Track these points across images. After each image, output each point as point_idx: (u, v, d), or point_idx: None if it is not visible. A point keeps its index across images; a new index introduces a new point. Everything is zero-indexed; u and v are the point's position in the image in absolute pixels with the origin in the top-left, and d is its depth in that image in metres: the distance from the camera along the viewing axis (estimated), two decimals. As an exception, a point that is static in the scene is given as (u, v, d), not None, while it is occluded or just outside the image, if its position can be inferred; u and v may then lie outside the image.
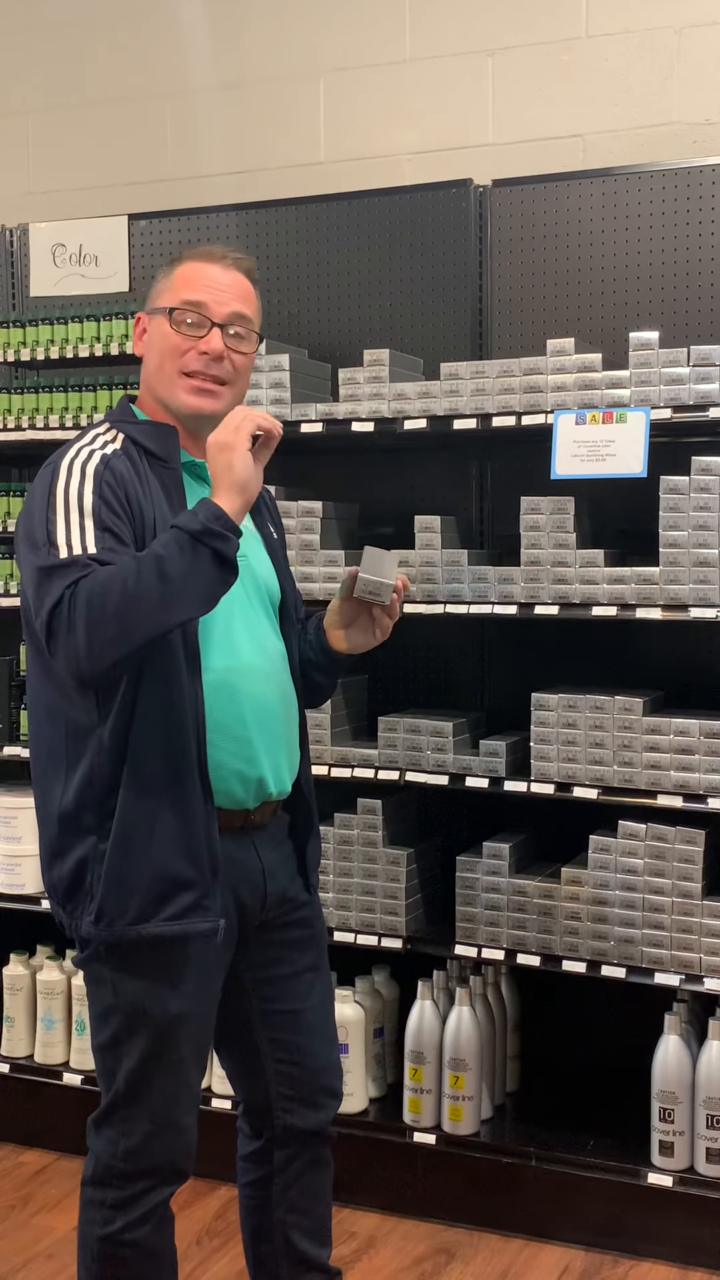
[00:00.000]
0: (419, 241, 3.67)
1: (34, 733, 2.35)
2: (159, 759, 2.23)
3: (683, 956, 3.16)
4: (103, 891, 2.23)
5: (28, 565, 2.19)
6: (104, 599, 2.07)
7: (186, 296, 2.34)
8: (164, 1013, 2.29)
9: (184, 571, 2.11)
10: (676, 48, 3.63)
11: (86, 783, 2.24)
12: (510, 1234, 3.30)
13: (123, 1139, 2.33)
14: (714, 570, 3.07)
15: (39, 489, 2.24)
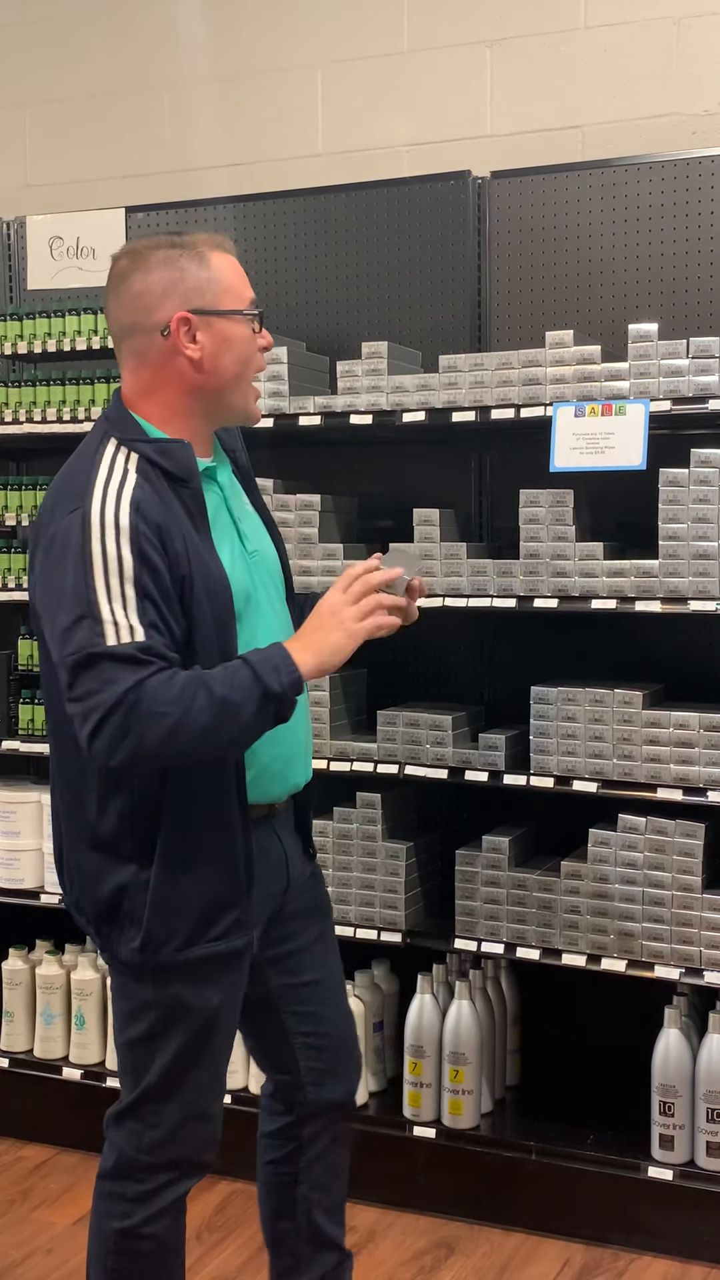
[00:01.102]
0: (417, 233, 3.66)
1: (62, 758, 2.28)
2: (202, 783, 2.21)
3: (683, 950, 3.15)
4: (149, 920, 2.21)
5: (61, 631, 2.09)
6: (162, 721, 2.03)
7: (248, 295, 2.28)
8: (204, 1007, 2.28)
9: (248, 723, 2.10)
10: (675, 38, 3.62)
11: (129, 812, 2.20)
12: (510, 1228, 3.30)
13: (148, 1131, 2.33)
14: (713, 563, 3.07)
15: (68, 538, 2.11)
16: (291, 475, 3.58)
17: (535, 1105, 3.50)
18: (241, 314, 2.26)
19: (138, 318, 2.25)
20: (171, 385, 2.25)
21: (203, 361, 2.23)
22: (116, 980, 2.33)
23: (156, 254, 2.24)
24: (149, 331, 2.24)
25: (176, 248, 2.24)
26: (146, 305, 2.23)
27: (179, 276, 2.22)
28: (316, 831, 3.48)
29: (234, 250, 2.31)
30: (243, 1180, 3.55)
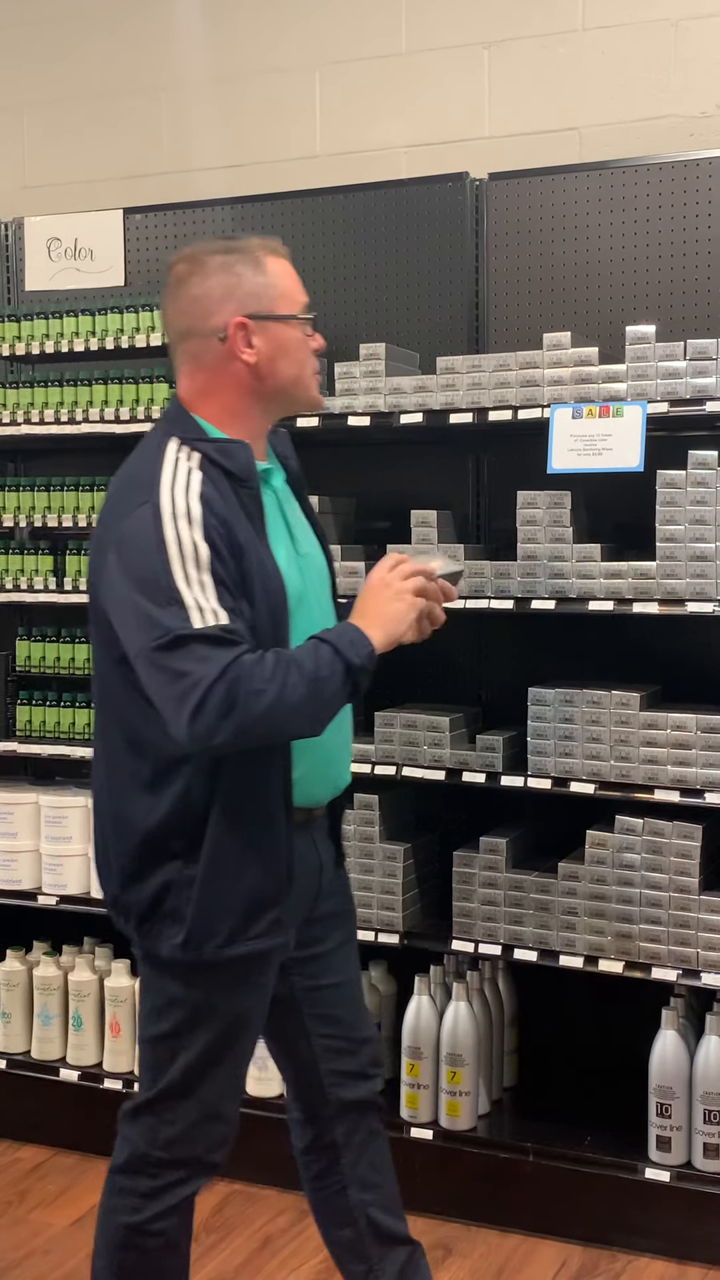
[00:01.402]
0: (415, 235, 3.66)
1: (108, 756, 2.31)
2: (250, 783, 2.24)
3: (680, 951, 3.15)
4: (193, 917, 2.23)
5: (143, 619, 2.12)
6: (261, 697, 2.09)
7: (302, 299, 2.34)
8: (232, 1010, 2.31)
9: (332, 697, 2.17)
10: (673, 40, 3.62)
11: (178, 810, 2.23)
12: (507, 1229, 3.30)
13: (164, 1128, 2.34)
14: (711, 564, 3.07)
15: (142, 530, 2.14)
16: (289, 476, 3.58)
17: (532, 1106, 3.50)
18: (296, 318, 2.31)
19: (194, 322, 2.29)
20: (228, 388, 2.30)
21: (259, 366, 2.28)
22: (147, 976, 2.34)
23: (214, 259, 2.28)
24: (206, 336, 2.28)
25: (233, 252, 2.28)
26: (204, 310, 2.27)
27: (236, 281, 2.27)
28: (314, 833, 3.49)
29: (288, 254, 2.35)
30: (241, 1181, 3.56)
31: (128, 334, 3.67)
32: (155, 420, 3.59)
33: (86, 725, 3.75)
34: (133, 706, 2.22)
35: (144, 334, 3.65)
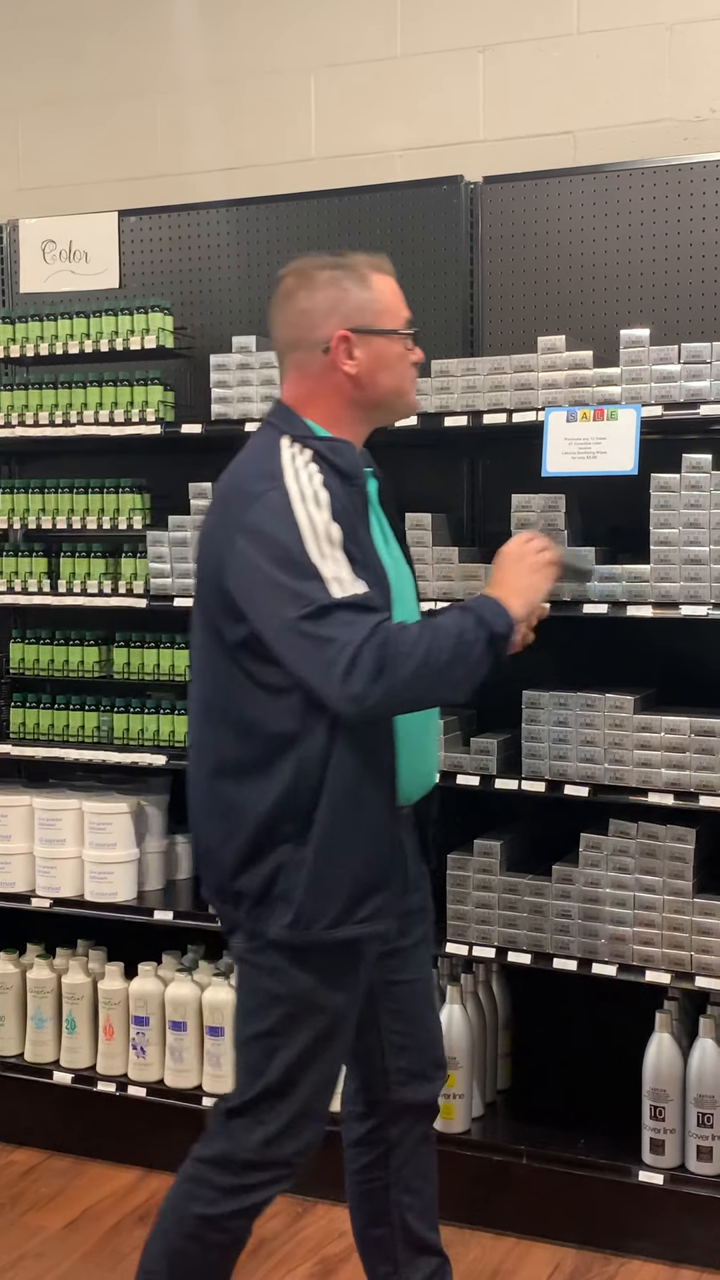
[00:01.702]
0: (410, 238, 3.66)
1: (217, 747, 2.35)
2: (360, 767, 2.29)
3: (674, 954, 3.16)
4: (303, 897, 2.28)
5: (283, 591, 2.19)
6: (410, 658, 2.18)
7: (404, 314, 2.43)
8: (332, 1005, 2.35)
9: (476, 663, 2.26)
10: (667, 44, 3.62)
11: (290, 793, 2.28)
12: (501, 1232, 3.30)
13: (259, 1128, 2.36)
14: (705, 568, 3.07)
15: (273, 513, 2.22)
16: (284, 479, 3.58)
17: (526, 1109, 3.50)
18: (397, 333, 2.40)
19: (301, 334, 2.39)
20: (331, 395, 2.39)
21: (359, 377, 2.38)
22: (248, 975, 2.37)
23: (322, 274, 2.39)
24: (311, 348, 2.38)
25: (340, 268, 2.39)
26: (310, 323, 2.38)
27: (342, 296, 2.37)
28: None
29: (393, 271, 2.45)
30: (234, 1184, 3.55)
31: (122, 336, 3.67)
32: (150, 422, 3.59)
33: (80, 728, 3.75)
34: (246, 693, 2.29)
35: (138, 336, 3.64)
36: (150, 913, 3.67)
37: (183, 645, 3.67)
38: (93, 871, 3.73)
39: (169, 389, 3.67)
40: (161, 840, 3.82)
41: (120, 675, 3.73)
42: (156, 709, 3.65)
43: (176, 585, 3.58)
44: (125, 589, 3.66)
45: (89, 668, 3.77)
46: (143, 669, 3.69)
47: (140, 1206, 3.48)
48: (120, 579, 3.69)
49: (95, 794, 3.79)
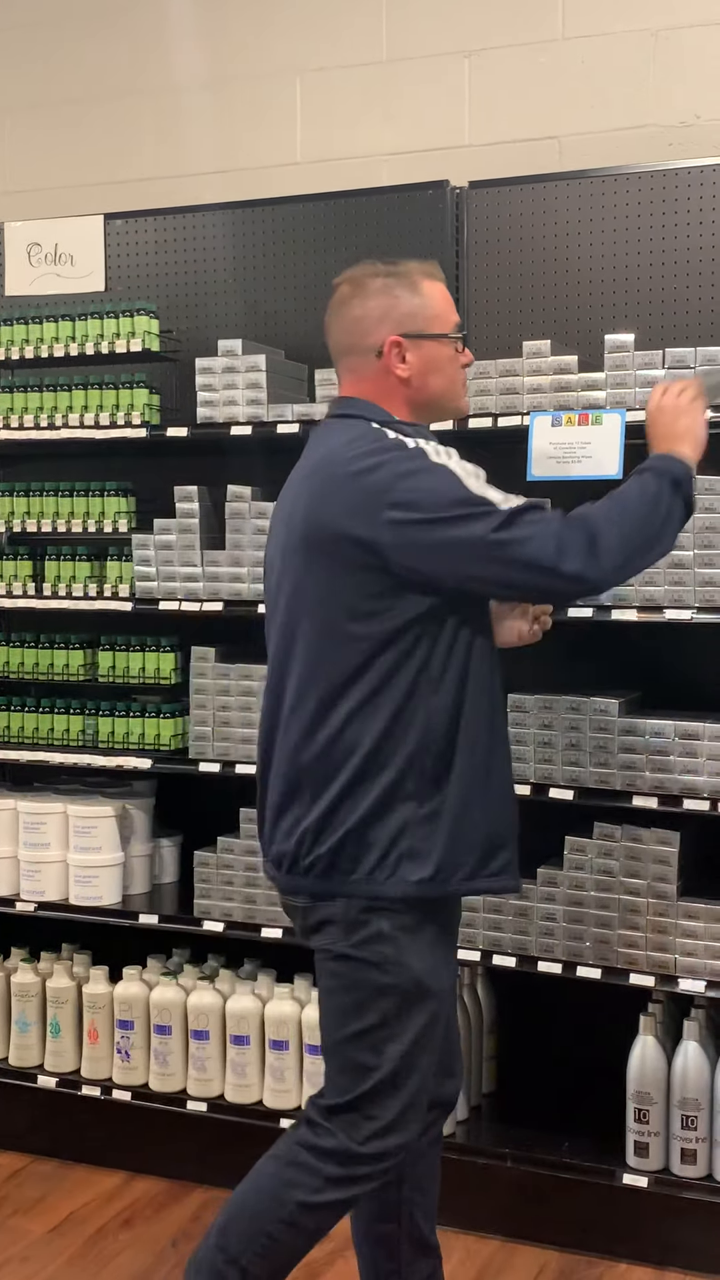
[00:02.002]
0: (395, 242, 3.67)
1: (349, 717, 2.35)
2: (485, 723, 2.40)
3: (658, 957, 3.16)
4: (442, 850, 2.35)
5: (464, 528, 2.29)
6: (609, 523, 2.34)
7: (454, 319, 2.52)
8: (439, 987, 2.41)
9: (668, 512, 2.40)
10: (652, 50, 3.64)
11: (419, 750, 2.34)
12: (486, 1235, 3.31)
13: (368, 1123, 2.38)
14: (688, 572, 3.08)
15: (418, 472, 2.32)
16: (271, 482, 3.57)
17: (511, 1112, 3.51)
18: (448, 337, 2.49)
19: (355, 340, 2.49)
20: (387, 397, 2.48)
21: (412, 379, 2.47)
22: (345, 970, 2.38)
23: (374, 282, 2.48)
24: (365, 353, 2.48)
25: (392, 276, 2.48)
26: (363, 329, 2.47)
27: (394, 303, 2.46)
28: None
29: (443, 276, 2.55)
30: (218, 1189, 3.55)
31: (108, 339, 3.67)
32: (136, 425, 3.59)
33: (65, 731, 3.74)
34: (377, 656, 2.33)
35: (124, 339, 3.64)
36: (135, 916, 3.67)
37: (167, 648, 3.67)
38: (77, 875, 3.72)
39: (154, 392, 3.67)
40: (146, 844, 3.82)
41: (105, 678, 3.72)
42: (142, 712, 3.65)
43: (162, 588, 3.58)
44: (111, 592, 3.66)
45: (74, 671, 3.77)
46: (128, 672, 3.69)
47: (125, 1210, 3.48)
48: (106, 582, 3.69)
49: (80, 797, 3.78)
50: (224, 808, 3.71)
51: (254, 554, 3.47)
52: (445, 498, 2.31)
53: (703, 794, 3.10)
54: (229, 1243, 2.41)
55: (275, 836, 2.46)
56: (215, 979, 3.61)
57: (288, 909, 2.54)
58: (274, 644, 2.49)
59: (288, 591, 2.43)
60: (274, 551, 2.52)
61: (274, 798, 2.46)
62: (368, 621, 2.33)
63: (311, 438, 2.54)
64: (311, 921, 2.43)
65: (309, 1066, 3.45)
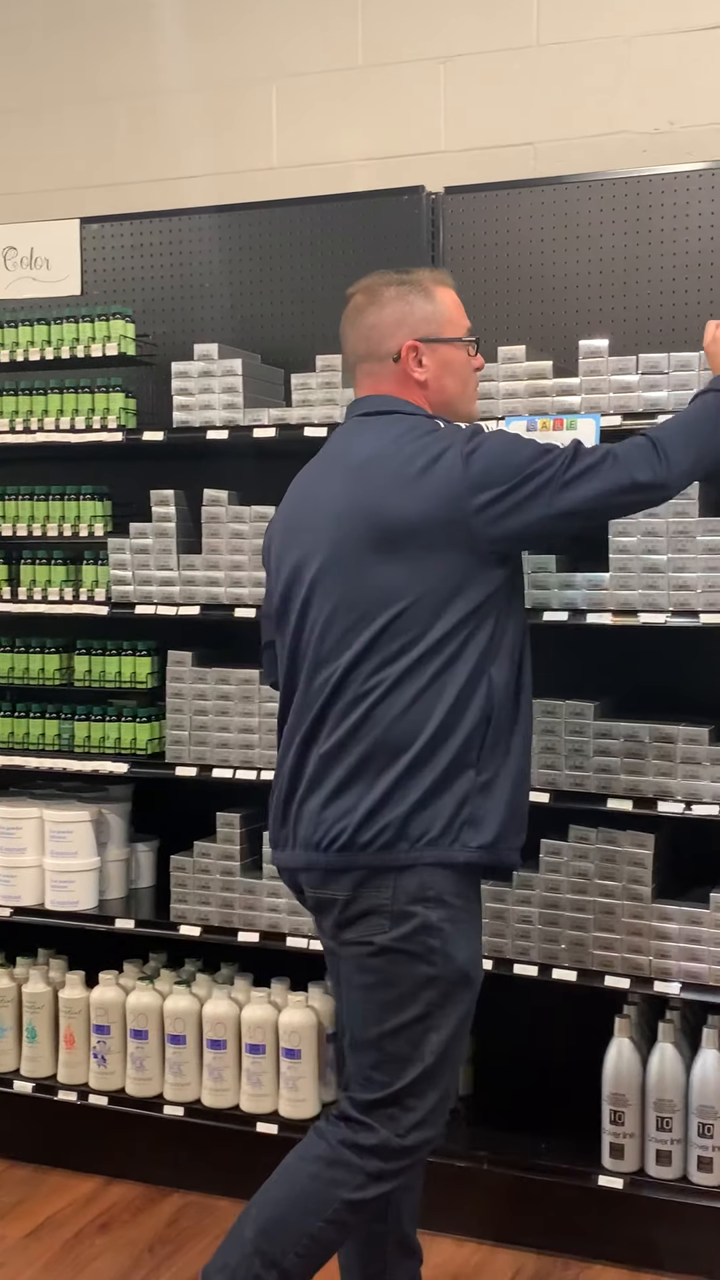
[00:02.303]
0: (372, 248, 3.68)
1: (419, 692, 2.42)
2: (527, 696, 2.54)
3: (633, 959, 3.18)
4: (504, 819, 2.46)
5: (537, 477, 2.42)
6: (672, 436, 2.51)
7: (466, 324, 2.65)
8: (477, 975, 2.49)
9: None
10: (626, 57, 3.66)
11: (480, 721, 2.43)
12: (463, 1237, 3.31)
13: (408, 1114, 2.43)
14: (663, 576, 3.10)
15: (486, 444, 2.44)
16: (247, 487, 3.59)
17: (487, 1115, 3.51)
18: (461, 341, 2.61)
19: (372, 346, 2.60)
20: (407, 397, 2.59)
21: (428, 382, 2.58)
22: (386, 963, 2.41)
23: (388, 290, 2.60)
24: (382, 358, 2.59)
25: (405, 284, 2.60)
26: (380, 335, 2.59)
27: (409, 309, 2.58)
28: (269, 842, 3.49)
29: (453, 284, 2.67)
30: (195, 1193, 3.55)
31: (84, 343, 3.66)
32: (112, 429, 3.58)
33: (41, 736, 3.74)
34: (454, 634, 2.41)
35: (99, 344, 3.64)
36: (111, 921, 3.67)
37: (143, 652, 3.67)
38: (53, 880, 3.72)
39: (130, 396, 3.67)
40: (123, 848, 3.81)
41: (81, 683, 3.72)
42: (118, 717, 3.65)
43: (138, 592, 3.58)
44: (87, 596, 3.66)
45: (50, 675, 3.76)
46: (104, 676, 3.69)
47: (102, 1215, 3.47)
48: (82, 586, 3.68)
49: (56, 802, 3.78)
50: (200, 812, 3.71)
51: (230, 558, 3.47)
52: (516, 459, 2.43)
53: (677, 796, 3.12)
54: (269, 1246, 2.42)
55: (323, 820, 2.45)
56: (192, 983, 3.61)
57: (320, 904, 2.51)
58: (313, 633, 2.51)
59: (341, 582, 2.46)
60: (304, 549, 2.54)
61: (329, 782, 2.46)
62: (451, 602, 2.41)
63: (341, 435, 2.63)
64: (352, 913, 2.44)
65: (285, 1070, 3.45)
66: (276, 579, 2.63)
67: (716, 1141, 3.13)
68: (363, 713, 2.43)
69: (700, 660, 3.41)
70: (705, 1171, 3.14)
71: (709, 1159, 3.13)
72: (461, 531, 2.42)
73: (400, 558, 2.42)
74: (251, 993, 3.52)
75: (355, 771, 2.44)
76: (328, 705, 2.48)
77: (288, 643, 2.57)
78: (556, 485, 2.43)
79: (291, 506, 2.66)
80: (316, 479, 2.62)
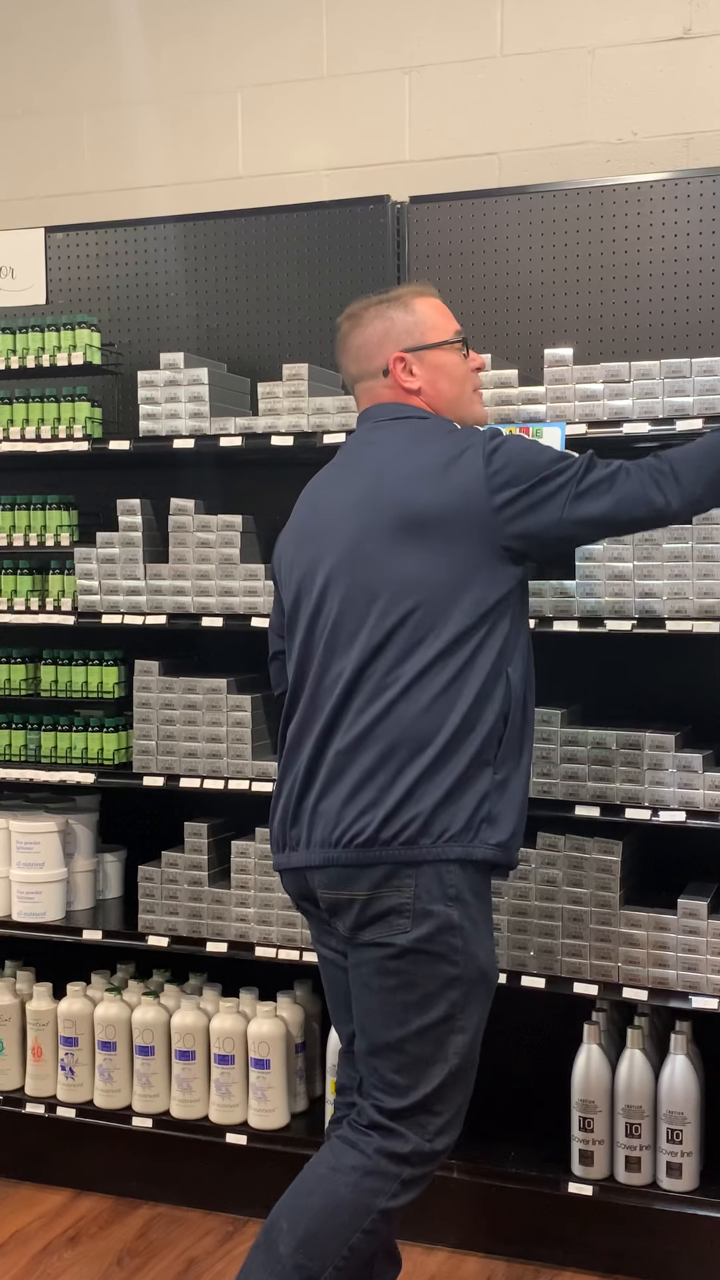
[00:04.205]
0: (337, 257, 3.69)
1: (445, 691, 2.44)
2: (533, 695, 2.59)
3: (601, 965, 3.19)
4: (517, 817, 2.50)
5: (553, 480, 2.47)
6: (680, 456, 2.54)
7: (453, 327, 2.68)
8: (495, 975, 2.52)
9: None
10: (590, 68, 3.68)
11: (499, 719, 2.47)
12: (433, 1245, 3.31)
13: (434, 1119, 2.45)
14: (629, 584, 3.11)
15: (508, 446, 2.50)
16: (213, 495, 3.59)
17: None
18: (446, 343, 2.65)
19: (362, 365, 2.67)
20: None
21: (423, 389, 2.64)
22: (408, 966, 2.41)
23: (369, 311, 2.67)
24: (374, 375, 2.66)
25: (384, 302, 2.67)
26: (368, 354, 2.65)
27: (389, 324, 2.64)
28: (237, 852, 3.49)
29: (435, 293, 2.72)
30: (165, 1204, 3.54)
31: (49, 352, 3.65)
32: (78, 439, 3.58)
33: (7, 746, 3.72)
34: (475, 629, 2.45)
35: (65, 353, 3.63)
36: (79, 932, 3.65)
37: (110, 662, 3.66)
38: (20, 891, 3.70)
39: (96, 405, 3.66)
40: (90, 859, 3.80)
41: (48, 693, 3.70)
42: (85, 726, 3.64)
43: (105, 602, 3.57)
44: (53, 606, 3.64)
45: (16, 685, 3.74)
46: (70, 686, 3.68)
47: (70, 1228, 3.45)
48: (48, 596, 3.67)
49: (23, 813, 3.76)
50: (168, 822, 3.70)
51: (197, 567, 3.47)
52: (537, 460, 2.49)
53: (644, 803, 3.13)
54: (309, 1261, 2.41)
55: (344, 817, 2.44)
56: (160, 994, 3.60)
57: (336, 905, 2.49)
58: (325, 629, 2.52)
59: (358, 573, 2.49)
60: (317, 550, 2.57)
61: (348, 779, 2.45)
62: (467, 597, 2.45)
63: (355, 442, 2.66)
64: (371, 914, 2.44)
65: (254, 1080, 3.44)
66: (287, 587, 2.65)
67: (685, 1147, 3.14)
68: (382, 707, 2.44)
69: (667, 668, 3.43)
70: (674, 1177, 3.15)
71: (678, 1165, 3.14)
72: (482, 527, 2.46)
73: (421, 547, 2.46)
74: (220, 1003, 3.51)
75: (376, 767, 2.44)
76: (344, 700, 2.48)
77: (298, 643, 2.58)
78: (571, 493, 2.49)
79: (303, 515, 2.68)
80: (329, 484, 2.66)
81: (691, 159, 3.58)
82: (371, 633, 2.46)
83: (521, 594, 2.58)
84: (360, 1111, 2.50)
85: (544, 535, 2.51)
